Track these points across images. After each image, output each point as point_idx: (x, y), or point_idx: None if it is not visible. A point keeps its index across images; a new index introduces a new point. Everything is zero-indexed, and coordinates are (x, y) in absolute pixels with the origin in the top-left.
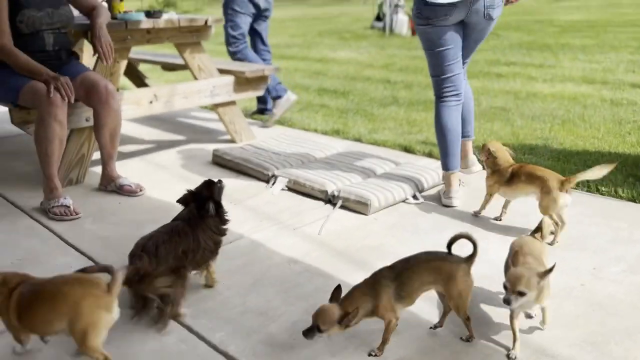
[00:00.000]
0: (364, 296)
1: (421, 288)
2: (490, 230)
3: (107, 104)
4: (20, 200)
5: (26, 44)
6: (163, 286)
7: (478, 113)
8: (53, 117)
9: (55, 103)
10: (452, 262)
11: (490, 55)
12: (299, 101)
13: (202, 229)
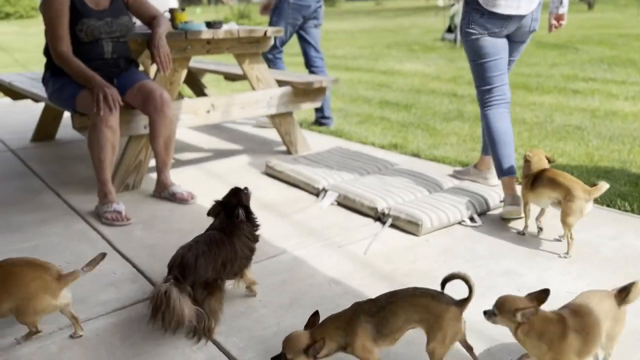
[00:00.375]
0: (337, 329)
1: (405, 326)
2: (553, 260)
3: (162, 112)
4: (77, 204)
5: (85, 52)
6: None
7: (550, 131)
8: (104, 124)
9: (110, 110)
10: (442, 302)
11: (568, 70)
12: (359, 113)
13: (237, 237)
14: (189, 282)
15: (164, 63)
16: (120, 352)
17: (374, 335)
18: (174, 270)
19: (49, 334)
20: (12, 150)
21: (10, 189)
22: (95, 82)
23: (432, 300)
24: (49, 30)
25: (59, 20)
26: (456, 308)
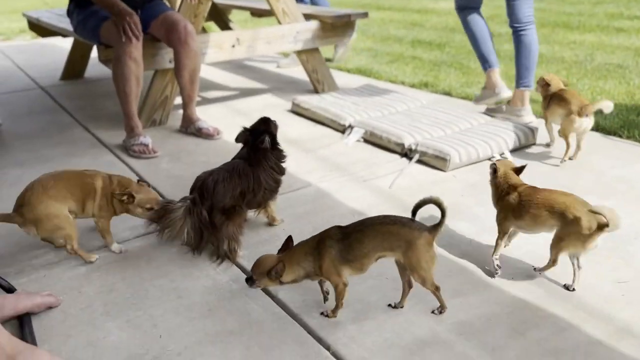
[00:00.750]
0: (305, 255)
1: (373, 254)
2: (586, 195)
3: (187, 44)
4: (105, 137)
5: None
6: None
7: (590, 70)
8: (128, 55)
9: (129, 41)
10: (413, 228)
11: (612, 8)
12: (389, 53)
13: (262, 168)
14: (206, 206)
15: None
16: (147, 272)
17: (339, 260)
18: (193, 193)
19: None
20: (43, 87)
21: (40, 123)
22: (117, 9)
23: (403, 227)
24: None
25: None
26: (428, 234)
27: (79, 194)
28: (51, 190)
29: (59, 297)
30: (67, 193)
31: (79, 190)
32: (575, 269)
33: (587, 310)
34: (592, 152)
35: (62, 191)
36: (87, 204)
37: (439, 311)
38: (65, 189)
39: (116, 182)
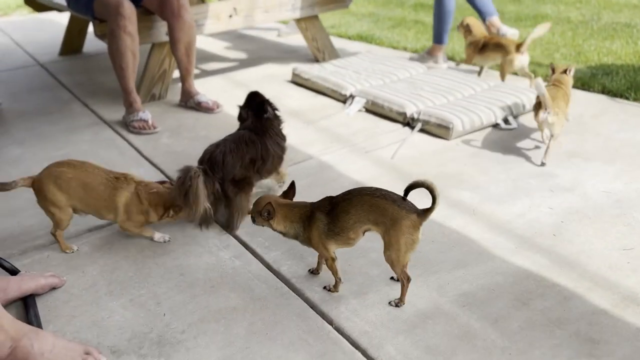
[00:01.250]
0: (299, 218)
1: (359, 225)
2: (591, 160)
3: (180, 16)
4: (105, 113)
5: None
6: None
7: (596, 30)
8: (122, 29)
9: (123, 14)
10: (401, 207)
11: None
12: (391, 17)
13: (268, 135)
14: (217, 178)
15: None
16: (150, 250)
17: (326, 233)
18: (203, 165)
19: (80, 234)
20: (41, 64)
21: (40, 100)
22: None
23: (392, 204)
24: None
25: None
26: (416, 217)
27: (91, 202)
28: (60, 181)
29: (63, 277)
30: (74, 193)
31: (92, 200)
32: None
33: (592, 279)
34: (598, 115)
35: (76, 189)
36: (103, 213)
37: (396, 304)
38: (75, 190)
39: (144, 195)
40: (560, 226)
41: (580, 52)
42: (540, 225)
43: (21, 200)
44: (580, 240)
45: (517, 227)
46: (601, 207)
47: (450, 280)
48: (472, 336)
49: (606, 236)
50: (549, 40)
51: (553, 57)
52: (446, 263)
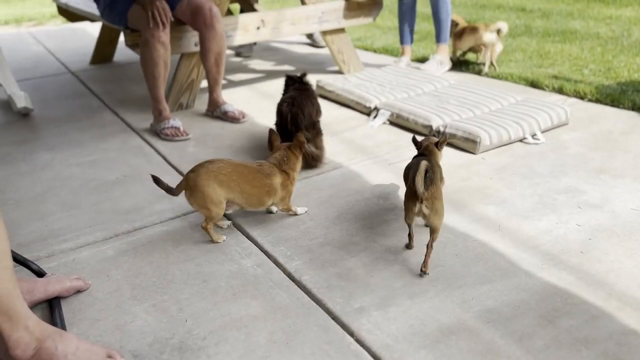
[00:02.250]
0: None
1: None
2: (620, 177)
3: (212, 27)
4: (133, 121)
5: None
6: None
7: (626, 46)
8: (157, 39)
9: (157, 27)
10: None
11: None
12: (418, 31)
13: (313, 95)
14: (303, 127)
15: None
16: (173, 256)
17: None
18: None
19: (106, 239)
20: (73, 72)
21: (70, 107)
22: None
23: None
24: None
25: None
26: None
27: (254, 191)
28: (221, 176)
29: (88, 281)
30: (236, 186)
31: (255, 189)
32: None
33: (620, 298)
34: (628, 131)
35: (237, 182)
36: (265, 200)
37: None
38: (236, 183)
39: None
40: (588, 243)
41: (610, 68)
42: (567, 242)
43: (49, 204)
44: (609, 259)
45: (543, 244)
46: (630, 225)
47: (475, 296)
48: (495, 353)
49: (636, 255)
50: (577, 56)
51: (582, 72)
52: (470, 278)
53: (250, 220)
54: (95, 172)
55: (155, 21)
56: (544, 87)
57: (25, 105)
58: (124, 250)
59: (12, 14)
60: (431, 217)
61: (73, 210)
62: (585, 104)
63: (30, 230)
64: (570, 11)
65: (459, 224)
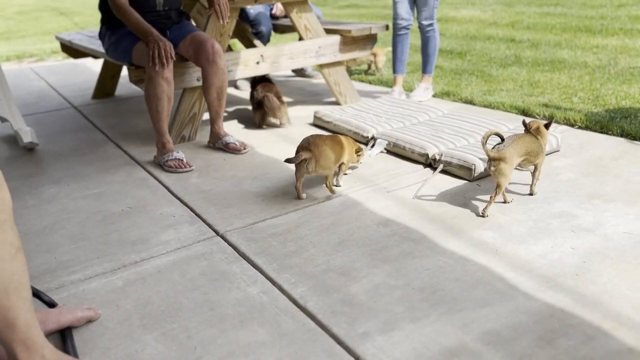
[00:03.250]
0: None
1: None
2: (611, 202)
3: (214, 62)
4: (137, 154)
5: (138, 4)
6: None
7: (613, 74)
8: (160, 76)
9: (161, 66)
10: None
11: (636, 11)
12: (410, 63)
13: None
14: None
15: (223, 12)
16: (180, 285)
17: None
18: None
19: (114, 269)
20: (75, 106)
21: (74, 141)
22: (151, 36)
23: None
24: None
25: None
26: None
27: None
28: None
29: (98, 311)
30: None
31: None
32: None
33: (615, 318)
34: (617, 157)
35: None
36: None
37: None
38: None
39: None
40: (583, 266)
41: (598, 96)
42: (563, 266)
43: (57, 236)
44: (603, 281)
45: (539, 267)
46: (623, 248)
47: (475, 319)
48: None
49: (629, 277)
50: (566, 84)
51: (571, 100)
52: (470, 301)
53: (254, 248)
54: (101, 204)
55: (158, 61)
56: (535, 115)
57: (31, 140)
58: (132, 281)
59: (13, 50)
60: (496, 175)
61: (81, 242)
62: (575, 131)
63: (39, 262)
64: (558, 41)
65: (458, 249)
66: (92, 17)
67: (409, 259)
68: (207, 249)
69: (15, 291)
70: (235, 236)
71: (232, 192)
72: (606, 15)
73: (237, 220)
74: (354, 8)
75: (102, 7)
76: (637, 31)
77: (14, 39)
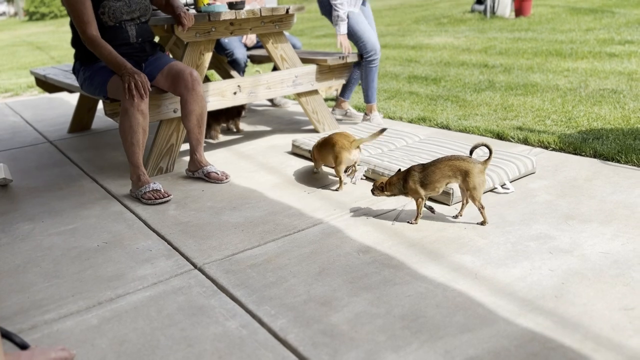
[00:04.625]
0: (397, 180)
1: (442, 180)
2: (587, 222)
3: (194, 90)
4: (113, 188)
5: (111, 38)
6: None
7: (584, 96)
8: (135, 108)
9: (134, 99)
10: (469, 162)
11: (603, 34)
12: (387, 89)
13: None
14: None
15: (187, 17)
16: (157, 322)
17: (420, 183)
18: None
19: (90, 307)
20: (51, 141)
21: (50, 177)
22: (125, 70)
23: (463, 161)
24: (75, 17)
25: (84, 4)
26: (481, 165)
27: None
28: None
29: (73, 351)
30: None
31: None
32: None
33: (595, 339)
34: (591, 178)
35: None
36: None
37: (481, 223)
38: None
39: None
40: (562, 288)
41: (571, 118)
42: (542, 288)
43: (30, 274)
44: (582, 302)
45: (519, 290)
46: (600, 268)
47: (457, 345)
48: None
49: (607, 297)
50: (539, 107)
51: (545, 123)
52: (451, 327)
53: (233, 280)
54: (76, 240)
55: (132, 94)
56: (509, 138)
57: (5, 177)
58: (107, 318)
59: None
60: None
61: (55, 280)
62: (549, 153)
63: (11, 302)
64: (530, 65)
65: (438, 274)
66: (69, 50)
67: (389, 286)
68: (185, 282)
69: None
70: (214, 268)
71: (210, 223)
72: (575, 39)
73: (216, 252)
74: (331, 37)
75: (75, 43)
76: (605, 54)
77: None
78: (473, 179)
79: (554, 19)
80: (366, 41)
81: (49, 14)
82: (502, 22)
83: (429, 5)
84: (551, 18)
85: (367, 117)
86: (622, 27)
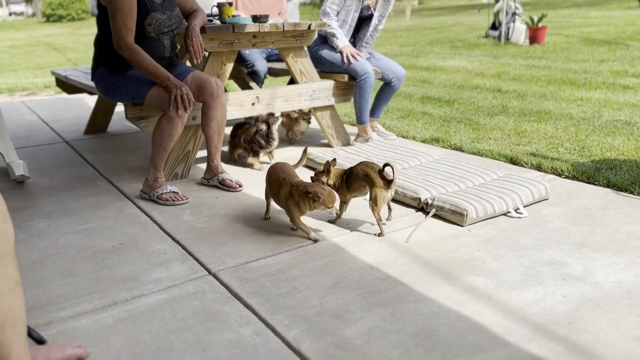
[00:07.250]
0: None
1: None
2: (600, 251)
3: (218, 97)
4: (128, 190)
5: (149, 48)
6: None
7: (598, 126)
8: (181, 119)
9: (184, 110)
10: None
11: (617, 66)
12: (400, 108)
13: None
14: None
15: (196, 52)
16: (172, 325)
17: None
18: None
19: (105, 307)
20: (67, 141)
21: (65, 176)
22: (170, 82)
23: (374, 172)
24: (118, 21)
25: (130, 11)
26: (386, 183)
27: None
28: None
29: (88, 349)
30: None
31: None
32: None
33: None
34: (605, 208)
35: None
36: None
37: (378, 235)
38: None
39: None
40: (575, 314)
41: (584, 147)
42: (555, 313)
43: (46, 271)
44: (595, 330)
45: (532, 314)
46: (613, 297)
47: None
48: None
49: (620, 326)
50: (552, 135)
51: (558, 150)
52: (465, 347)
53: (247, 288)
54: (91, 240)
55: (179, 106)
56: (523, 163)
57: (23, 174)
58: (122, 319)
59: (4, 84)
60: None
61: (70, 277)
62: (563, 180)
63: (28, 297)
64: (544, 92)
65: (451, 294)
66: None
67: (402, 303)
68: (199, 288)
69: (11, 326)
70: (228, 275)
71: (224, 231)
72: (589, 69)
73: (230, 259)
74: None
75: (101, 45)
76: (619, 86)
77: (5, 72)
78: (374, 190)
79: (568, 49)
80: (354, 65)
81: (67, 17)
82: (516, 49)
83: (443, 29)
84: (565, 47)
85: (363, 137)
86: (636, 59)
